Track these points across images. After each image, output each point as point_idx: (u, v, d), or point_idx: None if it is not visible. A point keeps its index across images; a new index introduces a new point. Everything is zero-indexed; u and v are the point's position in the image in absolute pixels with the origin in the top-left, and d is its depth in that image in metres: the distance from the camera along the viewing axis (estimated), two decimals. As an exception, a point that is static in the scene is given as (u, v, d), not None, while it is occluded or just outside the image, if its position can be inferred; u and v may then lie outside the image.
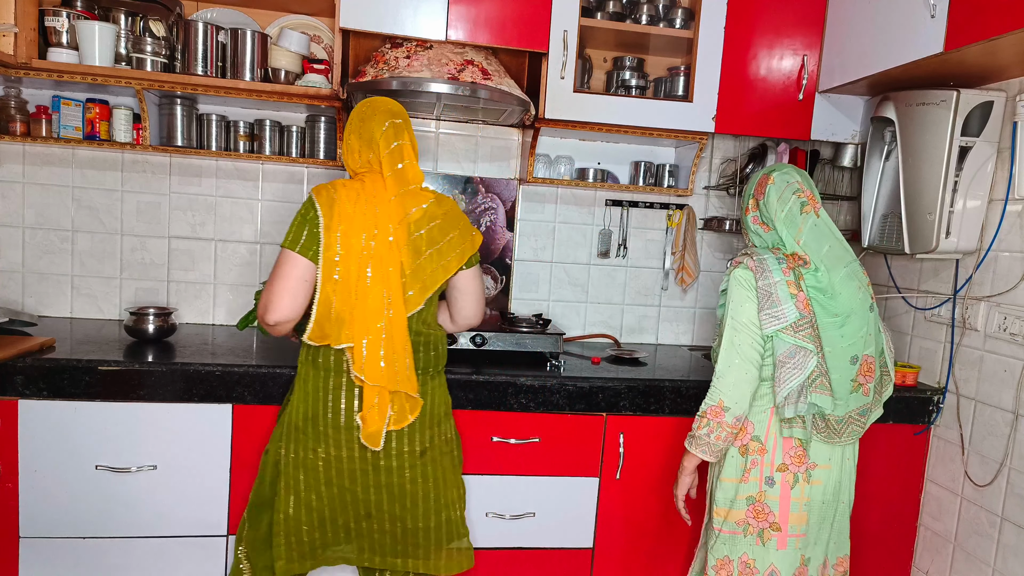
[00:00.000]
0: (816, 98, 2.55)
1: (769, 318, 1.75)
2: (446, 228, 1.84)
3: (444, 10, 2.31)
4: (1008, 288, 2.11)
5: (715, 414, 1.78)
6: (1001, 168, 2.14)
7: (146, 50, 2.26)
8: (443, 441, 1.93)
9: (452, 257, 1.84)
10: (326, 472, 1.82)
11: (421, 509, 1.89)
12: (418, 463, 1.86)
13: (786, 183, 1.85)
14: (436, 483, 1.90)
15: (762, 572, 1.84)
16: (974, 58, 1.97)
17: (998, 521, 2.13)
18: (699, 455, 1.81)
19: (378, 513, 1.87)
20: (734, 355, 1.77)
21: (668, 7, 2.56)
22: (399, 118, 1.84)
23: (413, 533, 1.90)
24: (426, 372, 1.88)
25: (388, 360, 1.74)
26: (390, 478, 1.84)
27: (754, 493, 1.82)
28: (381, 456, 1.81)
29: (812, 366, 1.75)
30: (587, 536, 2.32)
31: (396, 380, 1.76)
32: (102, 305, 2.64)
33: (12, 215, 2.56)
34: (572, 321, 2.95)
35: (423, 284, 1.80)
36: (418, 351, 1.85)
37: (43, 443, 2.03)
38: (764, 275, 1.77)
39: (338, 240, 1.72)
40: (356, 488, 1.84)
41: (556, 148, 2.84)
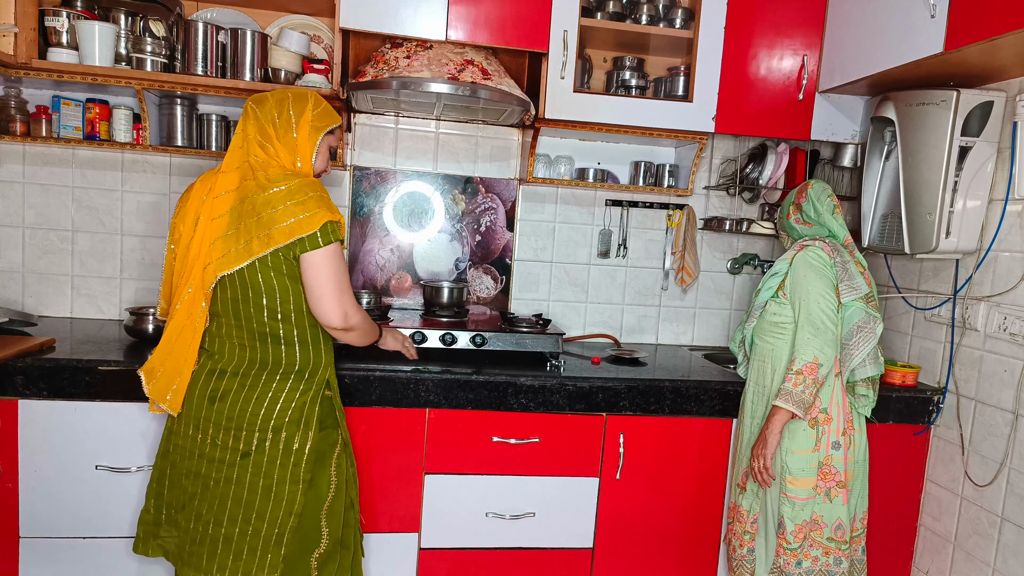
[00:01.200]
0: (816, 98, 2.55)
1: (848, 289, 2.01)
2: (272, 201, 1.66)
3: (444, 10, 2.31)
4: (1008, 288, 2.11)
5: (811, 371, 1.96)
6: (1001, 168, 2.14)
7: (146, 50, 2.25)
8: (279, 451, 1.74)
9: (272, 231, 1.66)
10: (165, 442, 1.85)
11: (228, 513, 1.73)
12: (237, 463, 1.73)
13: (823, 188, 2.17)
14: (253, 491, 1.73)
15: (830, 526, 2.04)
16: (974, 58, 1.97)
17: (998, 521, 2.13)
18: (792, 409, 1.97)
19: (189, 507, 1.77)
20: (823, 318, 1.99)
21: (668, 7, 2.56)
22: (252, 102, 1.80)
23: (212, 541, 1.74)
24: (275, 368, 1.76)
25: (176, 346, 1.77)
26: (208, 470, 1.74)
27: (823, 458, 2.03)
28: (208, 444, 1.75)
29: (880, 331, 2.02)
30: (587, 536, 2.33)
31: (157, 367, 1.78)
32: (102, 305, 2.64)
33: (12, 215, 2.56)
34: (572, 321, 2.95)
35: (223, 259, 1.68)
36: (265, 341, 1.75)
37: (43, 443, 2.03)
38: (839, 253, 2.05)
39: (175, 226, 1.82)
40: (181, 470, 1.80)
41: (556, 148, 2.84)
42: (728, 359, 2.68)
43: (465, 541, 2.27)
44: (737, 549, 2.17)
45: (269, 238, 1.66)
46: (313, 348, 1.81)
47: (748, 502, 2.14)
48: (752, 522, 2.14)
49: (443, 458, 2.21)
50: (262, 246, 1.66)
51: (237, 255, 1.68)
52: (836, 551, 2.05)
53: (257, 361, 1.76)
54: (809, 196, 2.15)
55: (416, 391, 2.16)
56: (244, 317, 1.74)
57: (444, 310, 2.59)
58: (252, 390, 1.75)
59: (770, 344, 2.12)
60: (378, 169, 2.74)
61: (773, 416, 2.00)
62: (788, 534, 2.03)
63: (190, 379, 1.78)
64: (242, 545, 1.75)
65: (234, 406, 1.74)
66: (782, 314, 2.08)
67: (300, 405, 1.77)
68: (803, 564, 2.04)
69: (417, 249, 2.81)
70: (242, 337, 1.76)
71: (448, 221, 2.81)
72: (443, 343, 2.33)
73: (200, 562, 1.76)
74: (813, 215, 2.15)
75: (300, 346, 1.78)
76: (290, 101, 1.79)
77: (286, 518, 1.76)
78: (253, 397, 1.74)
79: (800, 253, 2.06)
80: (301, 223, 1.66)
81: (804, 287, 2.01)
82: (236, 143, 1.78)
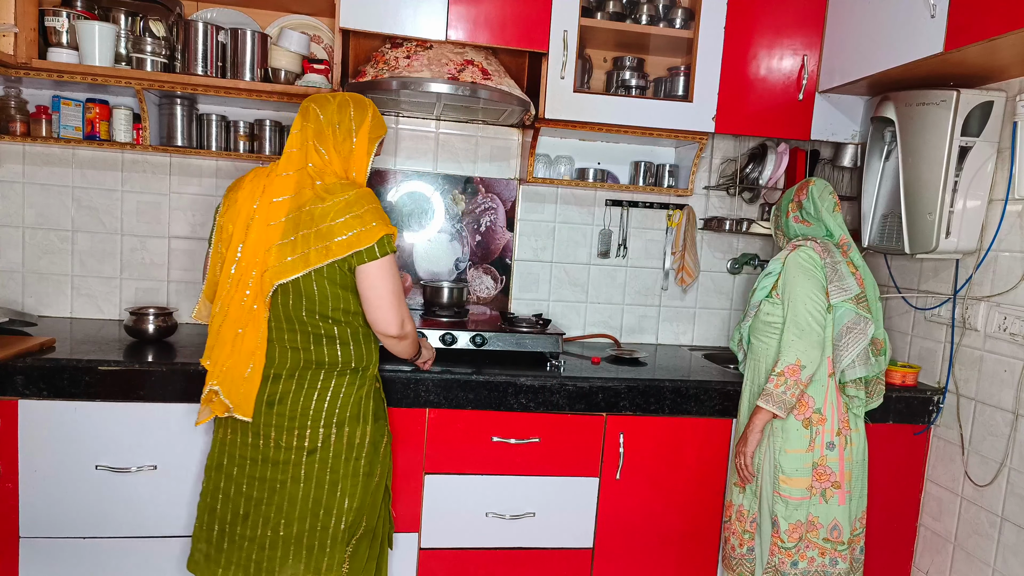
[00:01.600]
0: (816, 98, 2.55)
1: (837, 290, 2.01)
2: (329, 213, 1.67)
3: (444, 10, 2.31)
4: (1008, 288, 2.11)
5: (792, 372, 1.97)
6: (1001, 168, 2.14)
7: (146, 50, 2.25)
8: (343, 445, 1.79)
9: (332, 244, 1.66)
10: (219, 455, 1.82)
11: (298, 511, 1.77)
12: (303, 462, 1.76)
13: (824, 186, 2.16)
14: (320, 486, 1.77)
15: (825, 527, 2.04)
16: (974, 58, 1.97)
17: (998, 521, 2.13)
18: (772, 410, 1.98)
19: (255, 515, 1.78)
20: (809, 319, 1.99)
21: (668, 7, 2.56)
22: (309, 104, 1.79)
23: (285, 542, 1.78)
24: (331, 368, 1.78)
25: (236, 349, 1.74)
26: (274, 473, 1.76)
27: (817, 459, 2.03)
28: (271, 447, 1.76)
29: (871, 332, 2.03)
30: (587, 536, 2.33)
31: (219, 369, 1.73)
32: (102, 305, 2.64)
33: (12, 215, 2.56)
34: (572, 321, 2.95)
35: (280, 267, 1.68)
36: (318, 343, 1.76)
37: (43, 443, 2.03)
38: (829, 254, 2.05)
39: (222, 226, 1.79)
40: (243, 479, 1.79)
41: (556, 148, 2.84)
42: (728, 359, 2.68)
43: (465, 541, 2.27)
44: (736, 548, 2.17)
45: (327, 250, 1.67)
46: (365, 344, 1.83)
47: (747, 502, 2.14)
48: (751, 521, 2.14)
49: (443, 458, 2.21)
50: (319, 257, 1.67)
51: (294, 264, 1.68)
52: (832, 552, 2.04)
53: (313, 362, 1.78)
54: (811, 193, 2.15)
55: (416, 391, 2.16)
56: (297, 321, 1.75)
57: (444, 310, 2.59)
58: (312, 388, 1.77)
59: (764, 344, 2.12)
60: (378, 169, 2.74)
61: (755, 415, 2.02)
62: (782, 533, 2.03)
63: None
64: (312, 541, 1.79)
65: (295, 406, 1.76)
66: (775, 314, 2.09)
67: (357, 400, 1.81)
68: (799, 565, 2.04)
69: (417, 249, 2.81)
70: (295, 340, 1.76)
71: (448, 221, 2.81)
72: (443, 343, 2.33)
73: (274, 566, 1.78)
74: (813, 212, 2.14)
75: (353, 344, 1.80)
76: (351, 108, 1.79)
77: (348, 512, 1.81)
78: (313, 395, 1.77)
79: (792, 253, 2.07)
80: (359, 236, 1.67)
81: (792, 288, 2.02)
82: (294, 144, 1.75)
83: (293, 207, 1.70)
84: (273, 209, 1.71)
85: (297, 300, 1.72)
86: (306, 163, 1.74)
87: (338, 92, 1.86)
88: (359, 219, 1.68)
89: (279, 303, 1.74)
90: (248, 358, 1.74)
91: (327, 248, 1.67)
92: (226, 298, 1.74)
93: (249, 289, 1.72)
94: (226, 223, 1.78)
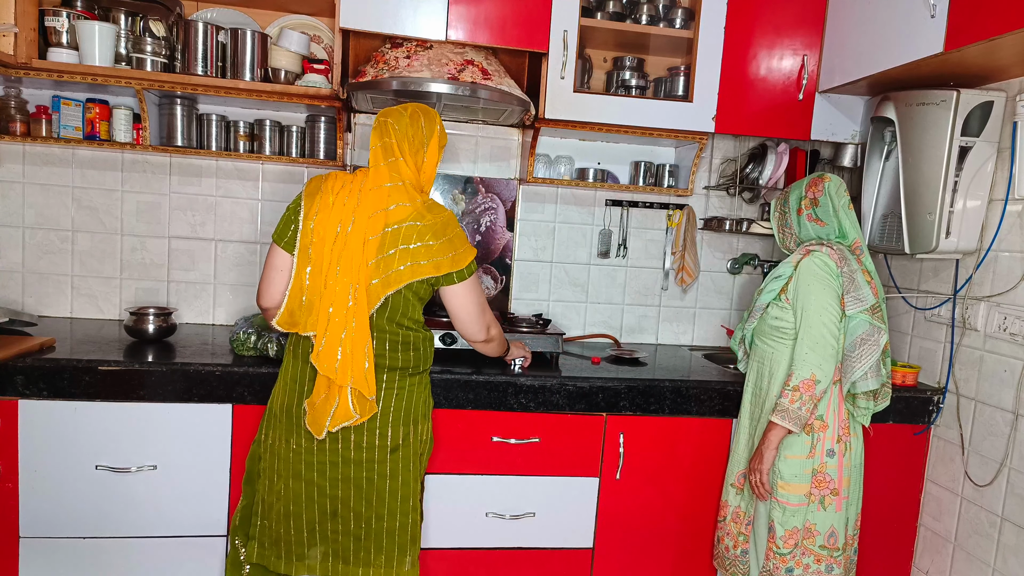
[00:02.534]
0: (816, 98, 2.55)
1: (853, 300, 1.96)
2: (425, 233, 1.77)
3: (444, 10, 2.31)
4: (1008, 288, 2.11)
5: (807, 387, 1.93)
6: (1001, 168, 2.14)
7: (146, 50, 2.26)
8: (418, 442, 1.90)
9: (426, 263, 1.77)
10: (295, 464, 1.83)
11: (387, 506, 1.86)
12: (387, 459, 1.84)
13: (839, 183, 2.07)
14: (406, 482, 1.87)
15: (823, 534, 2.02)
16: (974, 58, 1.97)
17: (998, 521, 2.13)
18: (787, 426, 1.95)
19: (344, 511, 1.85)
20: (823, 332, 1.94)
21: (668, 7, 2.56)
22: (386, 118, 1.83)
23: (378, 535, 1.87)
24: (404, 370, 1.86)
25: (345, 352, 1.74)
26: (359, 472, 1.83)
27: (817, 465, 2.01)
28: (352, 449, 1.81)
29: (884, 342, 1.98)
30: (587, 536, 2.33)
31: (348, 374, 1.74)
32: (102, 305, 2.64)
33: (12, 215, 2.56)
34: (572, 321, 2.95)
35: (385, 280, 1.75)
36: (395, 349, 1.83)
37: (43, 443, 2.03)
38: (846, 262, 1.98)
39: (312, 230, 1.77)
40: (324, 482, 1.83)
41: (556, 148, 2.84)
42: (728, 359, 2.68)
43: (465, 541, 2.27)
44: (731, 549, 2.17)
45: (424, 268, 1.77)
46: (427, 348, 1.92)
47: (744, 503, 2.14)
48: (747, 523, 2.14)
49: (443, 458, 2.21)
50: (417, 274, 1.77)
51: (395, 278, 1.76)
52: (828, 559, 2.03)
53: (386, 366, 1.83)
54: (827, 190, 2.04)
55: (416, 391, 2.16)
56: (377, 328, 1.80)
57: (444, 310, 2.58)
58: (389, 390, 1.84)
59: (770, 347, 2.10)
60: (378, 169, 2.74)
61: (769, 432, 1.98)
62: (778, 539, 2.02)
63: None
64: (404, 537, 1.89)
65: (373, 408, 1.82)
66: (783, 319, 2.04)
67: (424, 399, 1.92)
68: (794, 571, 2.02)
69: (417, 249, 2.81)
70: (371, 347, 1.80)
71: (448, 221, 2.81)
72: (443, 343, 2.33)
73: (369, 557, 1.88)
74: (831, 211, 2.04)
75: (422, 348, 1.90)
76: (422, 119, 1.86)
77: (418, 504, 1.93)
78: (392, 396, 1.84)
79: (806, 259, 1.99)
80: (454, 260, 1.80)
81: (807, 297, 1.96)
82: (379, 158, 1.80)
83: (391, 222, 1.76)
84: (372, 223, 1.75)
85: (382, 309, 1.80)
86: (398, 178, 1.80)
87: (408, 104, 1.90)
88: (451, 243, 1.81)
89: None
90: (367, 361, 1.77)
91: (425, 266, 1.77)
92: (340, 306, 1.74)
93: (352, 297, 1.74)
94: (319, 227, 1.76)
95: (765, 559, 2.05)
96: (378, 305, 1.77)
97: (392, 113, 1.85)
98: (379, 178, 1.79)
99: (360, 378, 1.75)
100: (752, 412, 2.15)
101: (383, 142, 1.81)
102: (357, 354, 1.74)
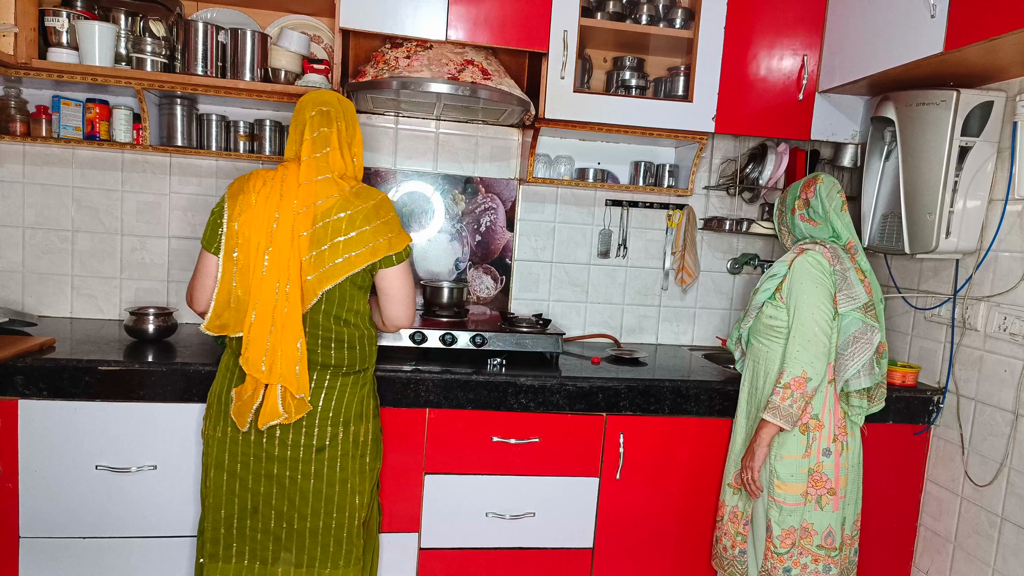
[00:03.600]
0: (816, 98, 2.55)
1: (846, 299, 1.97)
2: (356, 220, 1.74)
3: (444, 10, 2.31)
4: (1008, 288, 2.11)
5: (799, 385, 1.94)
6: (1001, 168, 2.14)
7: (146, 50, 2.25)
8: (350, 443, 1.83)
9: (363, 251, 1.74)
10: (219, 454, 1.82)
11: (311, 507, 1.81)
12: (312, 459, 1.80)
13: (832, 183, 2.10)
14: (331, 484, 1.82)
15: (820, 534, 2.02)
16: (974, 58, 1.97)
17: (998, 521, 2.13)
18: (779, 424, 1.95)
19: (265, 508, 1.81)
20: (815, 330, 1.95)
21: (668, 7, 2.56)
22: (328, 107, 1.81)
23: (300, 535, 1.82)
24: (338, 369, 1.82)
25: (273, 351, 1.72)
26: (282, 470, 1.79)
27: (813, 465, 2.01)
28: (276, 446, 1.78)
29: (878, 340, 1.99)
30: (587, 536, 2.33)
31: (277, 372, 1.71)
32: (102, 305, 2.64)
33: (12, 215, 2.56)
34: (572, 321, 2.95)
35: (321, 276, 1.73)
36: (328, 347, 1.80)
37: (43, 443, 2.03)
38: (839, 261, 2.00)
39: (237, 231, 1.75)
40: (247, 476, 1.80)
41: (556, 148, 2.84)
42: (728, 359, 2.67)
43: (465, 541, 2.27)
44: (729, 549, 2.17)
45: (361, 256, 1.75)
46: (369, 346, 1.89)
47: (741, 503, 2.14)
48: (745, 523, 2.14)
49: (443, 458, 2.21)
50: (359, 263, 1.75)
51: (334, 271, 1.74)
52: (826, 558, 2.03)
53: (319, 363, 1.80)
54: (818, 191, 2.08)
55: (416, 391, 2.16)
56: (310, 324, 1.78)
57: (444, 310, 2.59)
58: (319, 389, 1.81)
59: (765, 346, 2.10)
60: (378, 169, 2.74)
61: (761, 429, 1.99)
62: (775, 538, 2.02)
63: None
64: (328, 538, 1.83)
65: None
66: (778, 317, 2.05)
67: (360, 399, 1.87)
68: (792, 571, 2.02)
69: (417, 249, 2.81)
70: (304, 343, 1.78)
71: (448, 221, 2.81)
72: (443, 343, 2.33)
73: (290, 556, 1.84)
74: (820, 212, 2.08)
75: (359, 347, 1.86)
76: (348, 107, 1.86)
77: (361, 509, 1.87)
78: (320, 395, 1.81)
79: (800, 257, 2.01)
80: (390, 243, 1.78)
81: (799, 296, 1.98)
82: (309, 151, 1.77)
83: (322, 215, 1.73)
84: (300, 219, 1.72)
85: (318, 305, 1.77)
86: (328, 170, 1.78)
87: (322, 91, 1.88)
88: (387, 225, 1.79)
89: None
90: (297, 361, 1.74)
91: (364, 253, 1.75)
92: (266, 304, 1.72)
93: (286, 297, 1.72)
94: (242, 228, 1.74)
95: (763, 559, 2.06)
96: (314, 301, 1.75)
97: (315, 104, 1.81)
98: (308, 173, 1.76)
99: (290, 377, 1.72)
100: (748, 412, 2.16)
101: (319, 134, 1.77)
102: (287, 353, 1.72)
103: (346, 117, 1.84)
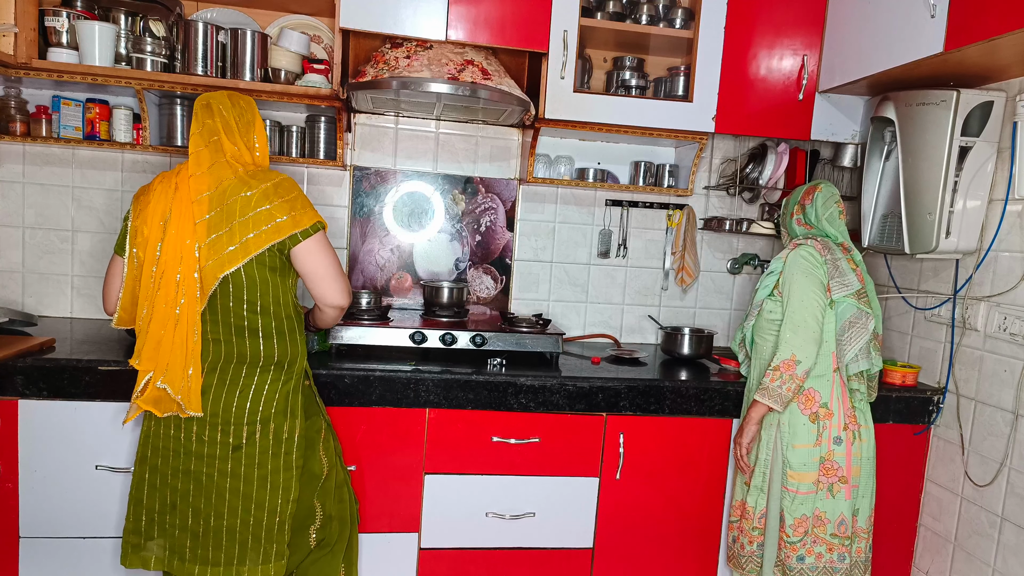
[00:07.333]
0: (816, 98, 2.55)
1: (839, 285, 2.05)
2: (253, 200, 1.71)
3: (444, 10, 2.31)
4: (1008, 288, 2.11)
5: (788, 367, 2.00)
6: (1001, 168, 2.14)
7: (146, 50, 2.26)
8: (270, 440, 1.79)
9: (263, 231, 1.70)
10: (143, 446, 1.82)
11: (227, 505, 1.78)
12: (229, 457, 1.77)
13: (831, 194, 2.17)
14: (248, 482, 1.78)
15: (832, 522, 2.06)
16: (974, 58, 1.97)
17: (998, 521, 2.13)
18: (769, 404, 2.01)
19: (183, 505, 1.80)
20: (805, 315, 2.01)
21: (668, 7, 2.56)
22: (209, 99, 1.81)
23: (216, 532, 1.79)
24: (254, 363, 1.79)
25: (164, 345, 1.72)
26: (199, 466, 1.77)
27: (824, 453, 2.05)
28: (194, 442, 1.77)
29: (872, 327, 2.07)
30: (587, 536, 2.33)
31: (163, 370, 1.71)
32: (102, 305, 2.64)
33: (12, 215, 2.55)
34: (572, 321, 2.95)
35: (220, 261, 1.70)
36: (242, 335, 1.77)
37: (43, 443, 2.03)
38: (830, 251, 2.08)
39: (137, 229, 1.78)
40: (167, 470, 1.80)
41: (556, 148, 2.84)
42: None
43: (465, 541, 2.27)
44: (746, 546, 2.17)
45: (266, 235, 1.71)
46: (289, 339, 1.84)
47: (753, 498, 2.14)
48: (760, 518, 2.14)
49: (443, 458, 2.21)
50: (259, 243, 1.71)
51: (233, 255, 1.70)
52: (840, 547, 2.05)
53: (234, 356, 1.78)
54: (815, 200, 2.17)
55: (416, 391, 2.16)
56: (221, 312, 1.76)
57: (444, 310, 2.59)
58: (234, 384, 1.78)
59: (767, 342, 2.13)
60: (378, 169, 2.74)
61: (752, 408, 2.07)
62: (788, 527, 2.05)
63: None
64: (246, 535, 1.79)
65: (217, 402, 1.76)
66: (777, 312, 2.10)
67: (284, 395, 1.82)
68: (806, 560, 2.05)
69: (417, 249, 2.81)
70: (217, 332, 1.77)
71: (448, 221, 2.81)
72: (443, 343, 2.33)
73: (207, 555, 1.80)
74: (813, 219, 2.17)
75: (277, 338, 1.81)
76: (240, 100, 1.85)
77: (285, 505, 1.82)
78: (236, 391, 1.78)
79: (793, 251, 2.09)
80: (295, 219, 1.74)
81: (791, 285, 2.05)
82: (198, 144, 1.77)
83: (217, 201, 1.72)
84: (196, 207, 1.72)
85: (224, 289, 1.74)
86: (221, 156, 1.76)
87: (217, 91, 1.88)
88: (290, 203, 1.75)
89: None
90: (188, 356, 1.73)
91: (265, 233, 1.71)
92: (151, 299, 1.74)
93: (178, 287, 1.71)
94: (139, 225, 1.78)
95: (777, 548, 2.08)
96: (217, 287, 1.72)
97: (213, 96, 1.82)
98: (199, 164, 1.75)
99: (175, 373, 1.71)
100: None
101: (203, 126, 1.77)
102: (177, 349, 1.72)
103: (237, 108, 1.82)
